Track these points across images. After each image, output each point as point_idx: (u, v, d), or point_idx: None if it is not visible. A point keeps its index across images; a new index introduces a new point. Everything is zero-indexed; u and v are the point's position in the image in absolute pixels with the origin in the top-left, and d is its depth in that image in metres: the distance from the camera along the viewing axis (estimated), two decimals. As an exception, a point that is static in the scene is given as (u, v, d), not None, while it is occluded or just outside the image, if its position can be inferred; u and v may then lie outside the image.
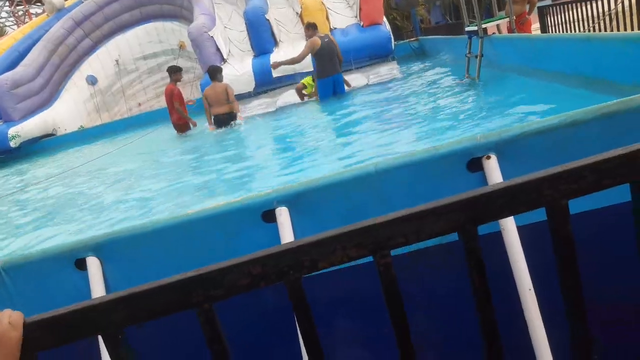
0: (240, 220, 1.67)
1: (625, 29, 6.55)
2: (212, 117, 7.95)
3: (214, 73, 8.10)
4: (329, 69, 8.00)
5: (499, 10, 7.02)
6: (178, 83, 8.78)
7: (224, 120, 7.87)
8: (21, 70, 12.57)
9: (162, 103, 14.65)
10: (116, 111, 14.51)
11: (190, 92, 13.91)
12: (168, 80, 15.70)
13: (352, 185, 1.63)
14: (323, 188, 1.65)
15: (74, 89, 13.61)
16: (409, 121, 5.15)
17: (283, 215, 1.63)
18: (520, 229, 1.51)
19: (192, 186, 4.74)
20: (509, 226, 1.51)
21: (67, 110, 13.13)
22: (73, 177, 6.97)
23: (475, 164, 1.56)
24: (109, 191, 5.39)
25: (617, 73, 3.53)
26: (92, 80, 13.78)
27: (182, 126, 8.75)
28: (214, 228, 1.69)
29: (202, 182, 4.88)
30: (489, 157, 1.54)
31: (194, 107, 9.35)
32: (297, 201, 1.66)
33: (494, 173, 1.54)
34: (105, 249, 1.72)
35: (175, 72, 8.70)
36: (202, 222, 1.69)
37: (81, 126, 13.18)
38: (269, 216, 1.65)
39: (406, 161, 1.60)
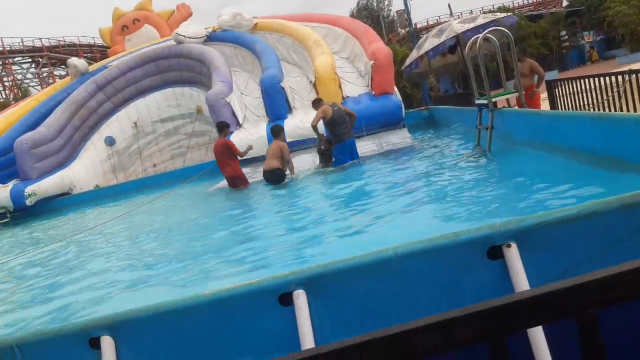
0: (257, 302, 1.66)
1: (634, 106, 6.67)
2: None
3: (278, 132, 8.26)
4: (343, 135, 8.17)
5: (507, 79, 7.18)
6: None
7: (266, 176, 8.02)
8: (42, 130, 13.00)
9: (176, 164, 14.94)
10: (132, 171, 14.80)
11: (205, 154, 14.22)
12: (184, 142, 15.85)
13: (371, 269, 1.62)
14: (341, 271, 1.65)
15: (92, 149, 13.98)
16: (423, 192, 5.16)
17: (300, 299, 1.62)
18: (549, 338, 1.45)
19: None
20: (537, 334, 1.45)
21: (84, 170, 13.42)
22: (85, 240, 7.00)
23: (495, 252, 1.56)
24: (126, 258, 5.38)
25: (626, 152, 3.57)
26: (110, 142, 14.17)
27: (238, 180, 8.44)
28: (230, 310, 1.68)
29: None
30: (509, 246, 1.54)
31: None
32: (314, 284, 1.65)
33: (515, 262, 1.53)
34: (119, 328, 1.70)
35: (226, 127, 8.65)
36: (218, 304, 1.68)
37: (96, 185, 13.40)
38: (286, 299, 1.64)
39: (426, 247, 1.60)
